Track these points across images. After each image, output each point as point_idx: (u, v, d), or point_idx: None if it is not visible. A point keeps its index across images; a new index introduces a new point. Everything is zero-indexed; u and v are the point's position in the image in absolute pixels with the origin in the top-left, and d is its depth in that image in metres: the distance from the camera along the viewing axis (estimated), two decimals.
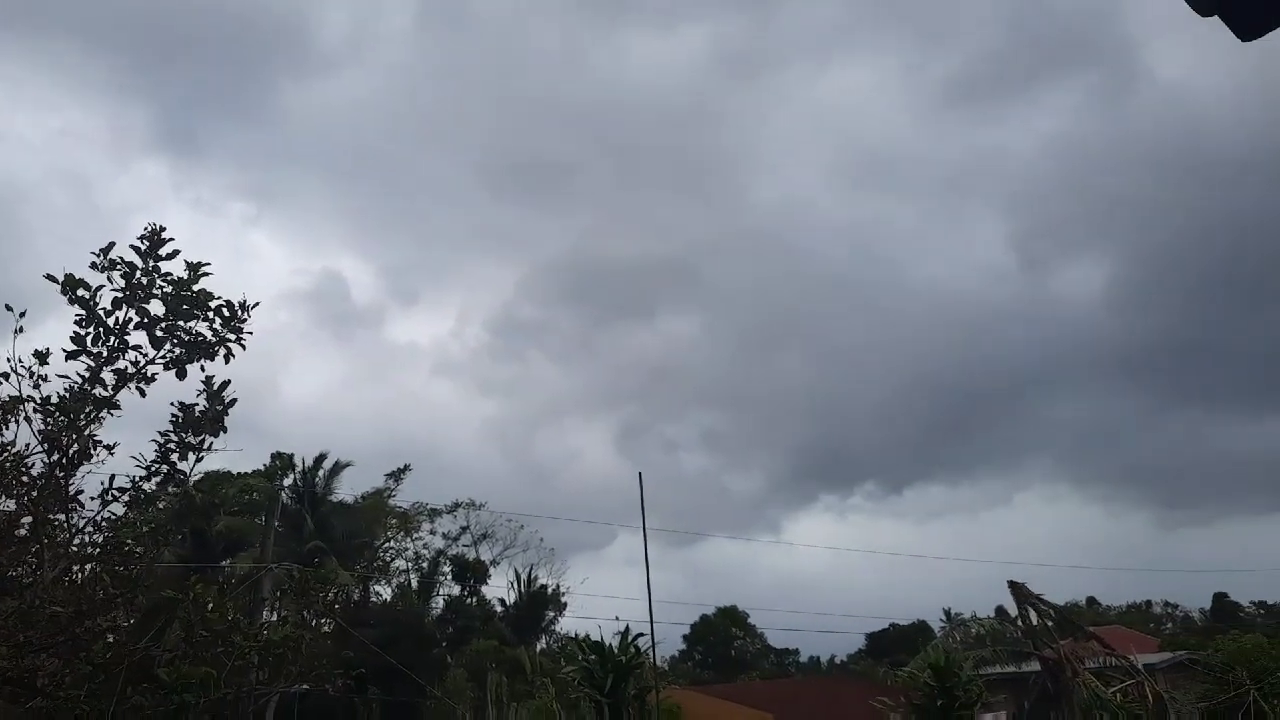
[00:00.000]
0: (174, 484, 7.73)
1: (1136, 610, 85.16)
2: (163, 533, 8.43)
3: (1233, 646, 29.50)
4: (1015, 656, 23.90)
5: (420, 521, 47.48)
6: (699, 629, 65.35)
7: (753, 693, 38.93)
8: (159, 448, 7.59)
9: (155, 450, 7.59)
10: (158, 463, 7.53)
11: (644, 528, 8.04)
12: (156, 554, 8.39)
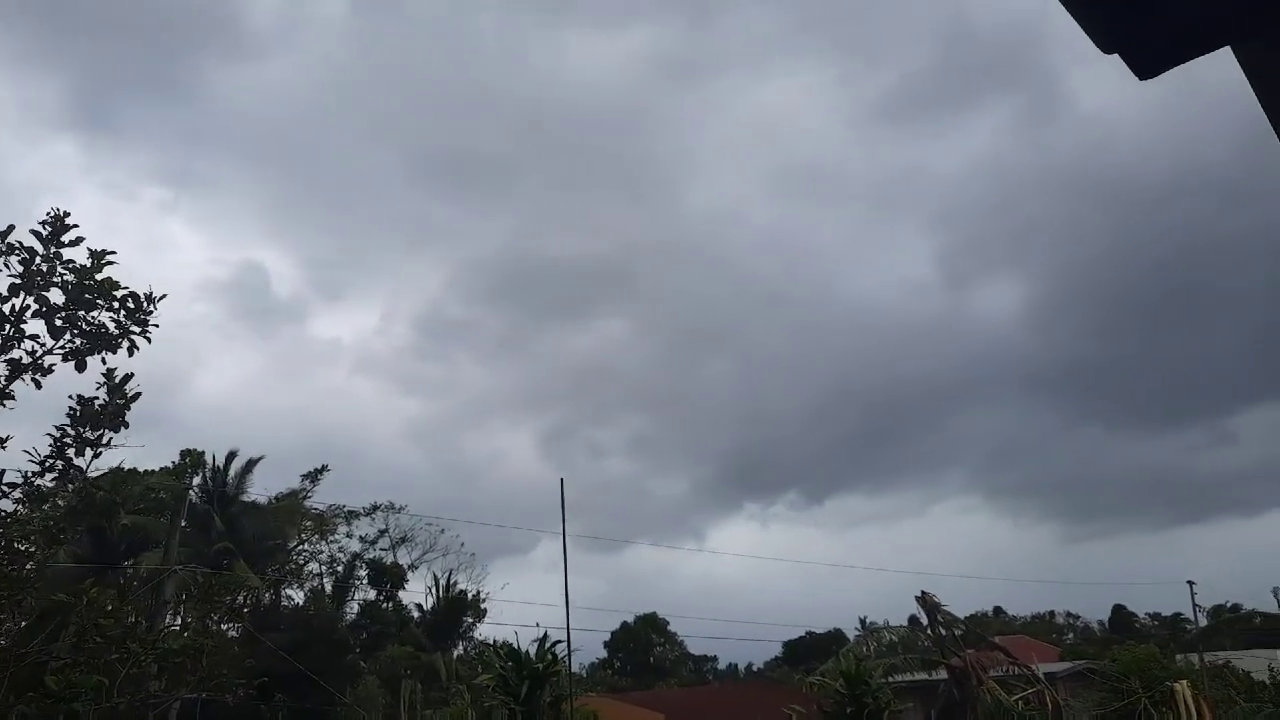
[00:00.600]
0: (70, 481, 7.39)
1: (1040, 620, 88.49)
2: (56, 532, 8.04)
3: (1128, 657, 30.90)
4: (924, 665, 24.60)
5: (336, 524, 46.35)
6: (619, 636, 65.32)
7: (669, 700, 39.08)
8: (54, 442, 7.25)
9: (50, 445, 7.25)
10: (53, 458, 7.20)
11: (564, 534, 8.02)
12: (49, 554, 7.99)
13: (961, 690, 19.91)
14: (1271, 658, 50.56)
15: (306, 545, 45.49)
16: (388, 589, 47.11)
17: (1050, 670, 32.69)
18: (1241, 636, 55.92)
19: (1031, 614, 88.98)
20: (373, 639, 42.38)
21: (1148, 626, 75.91)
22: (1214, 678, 32.02)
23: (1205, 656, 38.51)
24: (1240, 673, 40.26)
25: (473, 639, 47.19)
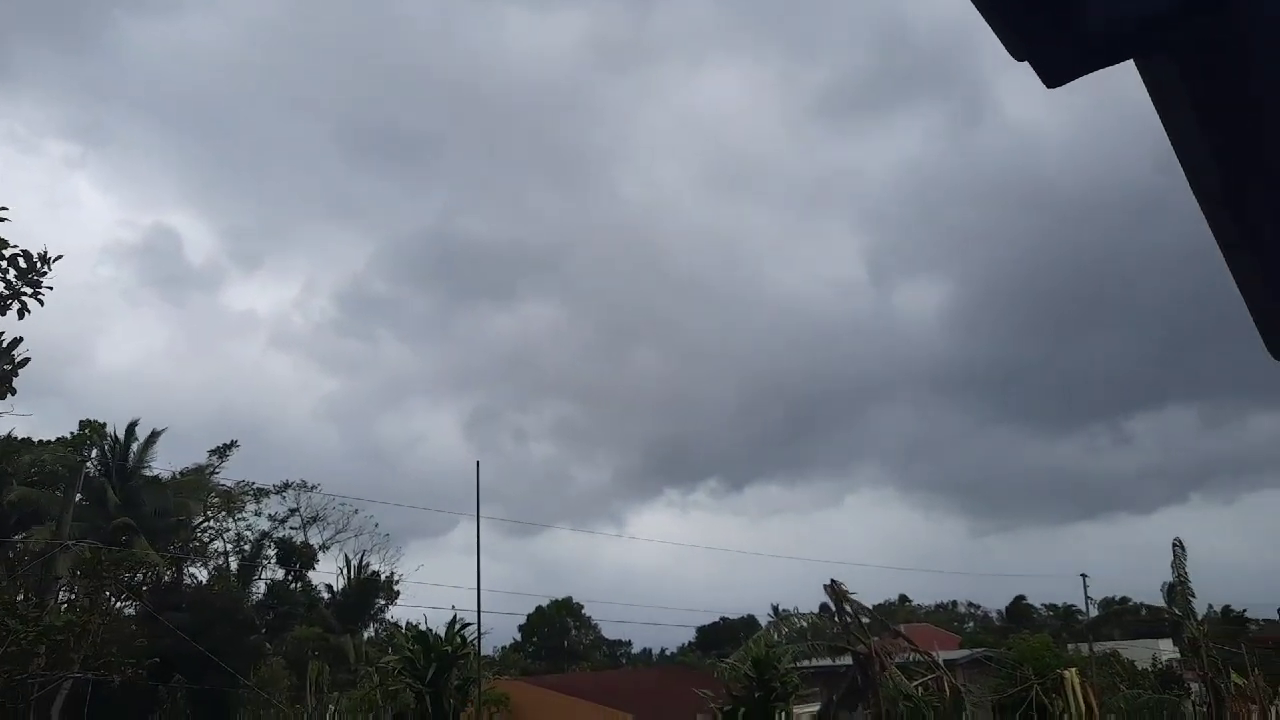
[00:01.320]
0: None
1: (944, 609, 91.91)
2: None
3: (1023, 645, 32.37)
4: (832, 651, 25.26)
5: (245, 501, 44.97)
6: (533, 620, 65.24)
7: (581, 683, 39.23)
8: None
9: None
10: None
11: (478, 517, 7.93)
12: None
13: (865, 676, 20.53)
14: (1154, 648, 53.68)
15: (212, 522, 44.05)
16: (297, 569, 45.99)
17: (950, 657, 33.99)
18: (1129, 627, 59.13)
19: (935, 603, 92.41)
20: (279, 620, 41.34)
21: (1043, 617, 79.54)
22: (1101, 666, 33.79)
23: (1094, 646, 40.60)
24: (1126, 661, 42.64)
25: (384, 621, 46.48)
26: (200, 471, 41.27)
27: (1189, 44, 1.66)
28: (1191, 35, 1.64)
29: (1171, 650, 46.40)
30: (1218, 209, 2.43)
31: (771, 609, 67.32)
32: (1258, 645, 40.23)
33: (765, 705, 12.26)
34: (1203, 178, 2.22)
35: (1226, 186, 2.27)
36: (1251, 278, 3.02)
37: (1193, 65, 1.74)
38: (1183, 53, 1.72)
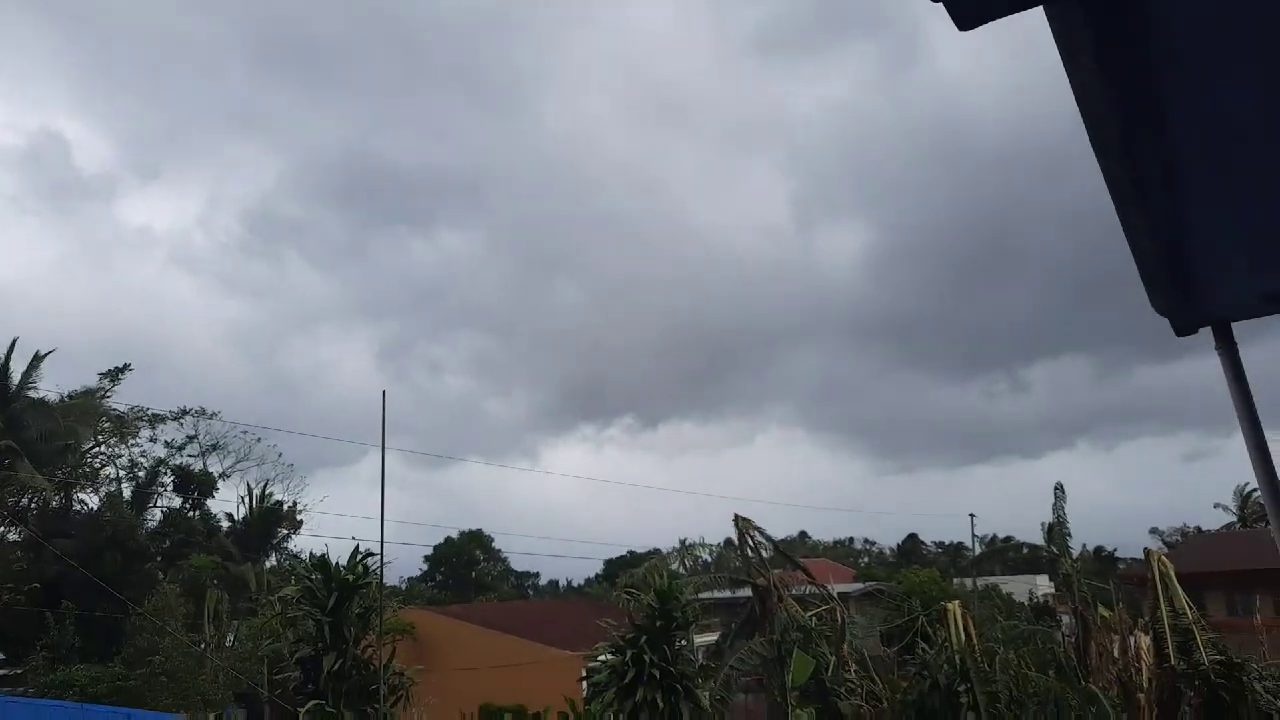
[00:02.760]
0: None
1: (841, 545, 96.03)
2: None
3: (912, 580, 34.23)
4: (733, 583, 26.13)
5: (139, 427, 43.23)
6: (441, 551, 65.33)
7: (488, 613, 39.68)
8: None
9: None
10: None
11: (383, 447, 7.82)
12: None
13: (763, 606, 21.37)
14: (1032, 583, 57.45)
15: (103, 448, 42.24)
16: (194, 497, 44.75)
17: (844, 590, 35.64)
18: (1010, 564, 63.00)
19: (834, 539, 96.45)
20: (176, 548, 40.30)
21: (933, 553, 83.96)
22: (982, 599, 36.03)
23: (977, 581, 43.16)
24: (1005, 595, 45.57)
25: (287, 551, 45.84)
26: (90, 395, 39.43)
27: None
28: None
29: (1047, 586, 49.77)
30: (1113, 163, 2.49)
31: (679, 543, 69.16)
32: (1124, 581, 43.49)
33: (666, 633, 12.62)
34: (1101, 130, 2.26)
35: (1123, 140, 2.32)
36: (1140, 233, 3.13)
37: (1098, 12, 1.75)
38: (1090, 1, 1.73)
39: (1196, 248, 3.31)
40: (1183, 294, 3.81)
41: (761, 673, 22.07)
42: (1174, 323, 4.20)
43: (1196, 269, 3.57)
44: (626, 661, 12.50)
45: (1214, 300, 4.08)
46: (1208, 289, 3.84)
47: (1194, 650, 17.87)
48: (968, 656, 20.10)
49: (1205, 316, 4.33)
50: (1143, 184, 2.53)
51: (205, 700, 25.44)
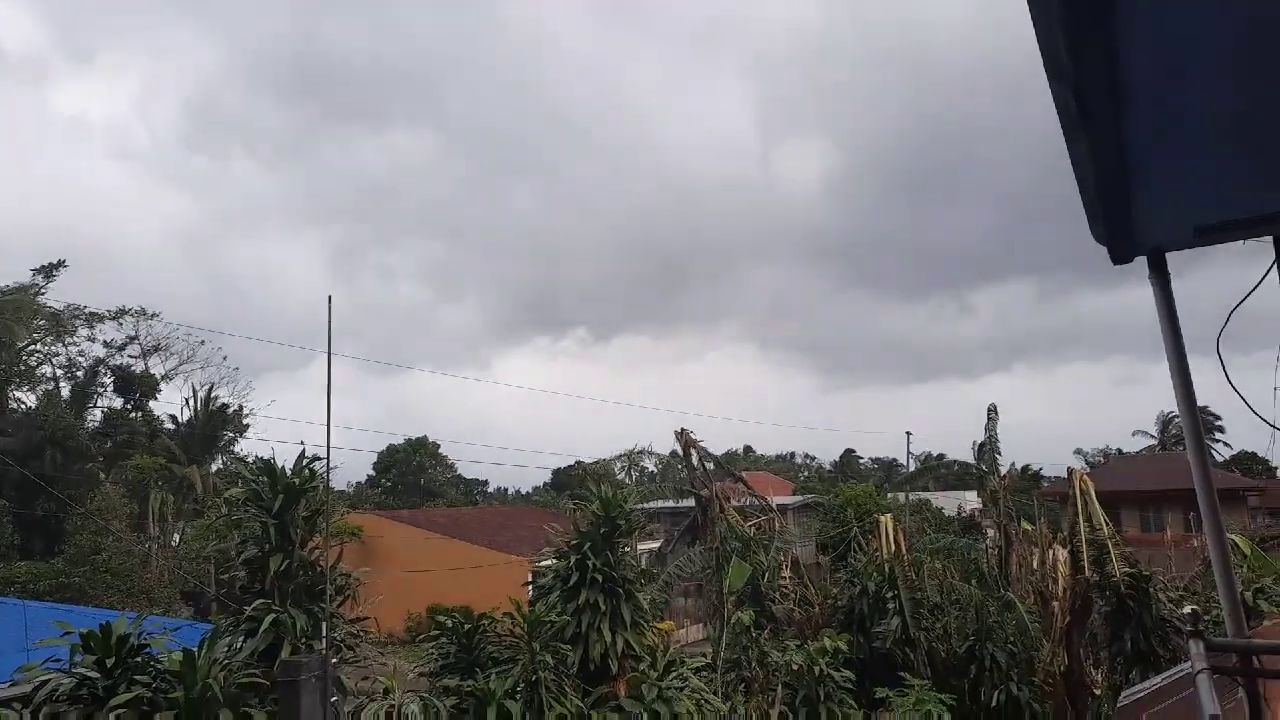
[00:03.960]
0: None
1: (783, 460, 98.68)
2: None
3: (848, 493, 35.45)
4: (677, 494, 26.78)
5: (76, 325, 41.99)
6: (388, 458, 65.47)
7: (435, 518, 40.18)
8: None
9: None
10: None
11: (329, 353, 7.74)
12: None
13: (705, 516, 22.03)
14: (961, 499, 59.96)
15: (39, 346, 41.03)
16: (136, 398, 43.93)
17: (783, 502, 36.82)
18: (942, 480, 65.51)
19: (777, 454, 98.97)
20: (118, 449, 39.76)
21: (869, 469, 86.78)
22: (914, 513, 37.54)
23: (910, 495, 44.87)
24: (936, 509, 47.56)
25: (233, 454, 45.52)
26: (23, 291, 38.04)
27: None
28: None
29: (976, 501, 51.99)
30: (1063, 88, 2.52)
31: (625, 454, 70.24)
32: (1047, 498, 45.63)
33: (610, 540, 12.95)
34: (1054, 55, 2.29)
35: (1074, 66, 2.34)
36: (1084, 160, 3.20)
37: None
38: None
39: (1137, 178, 3.39)
40: (1121, 223, 3.92)
41: (701, 578, 22.90)
42: (1111, 250, 4.33)
43: (1135, 199, 3.67)
44: (571, 566, 12.83)
45: (1150, 230, 4.22)
46: (1145, 219, 3.96)
47: (1107, 563, 18.96)
48: (896, 566, 21.06)
49: (1141, 246, 4.48)
50: (1090, 111, 2.58)
51: (151, 598, 25.57)
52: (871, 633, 19.93)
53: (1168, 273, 4.64)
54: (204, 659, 8.13)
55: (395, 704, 10.08)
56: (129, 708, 7.66)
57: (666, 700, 11.62)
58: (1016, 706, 17.93)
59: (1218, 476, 24.39)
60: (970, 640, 19.21)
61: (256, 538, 9.39)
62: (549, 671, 11.34)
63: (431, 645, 11.99)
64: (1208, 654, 4.22)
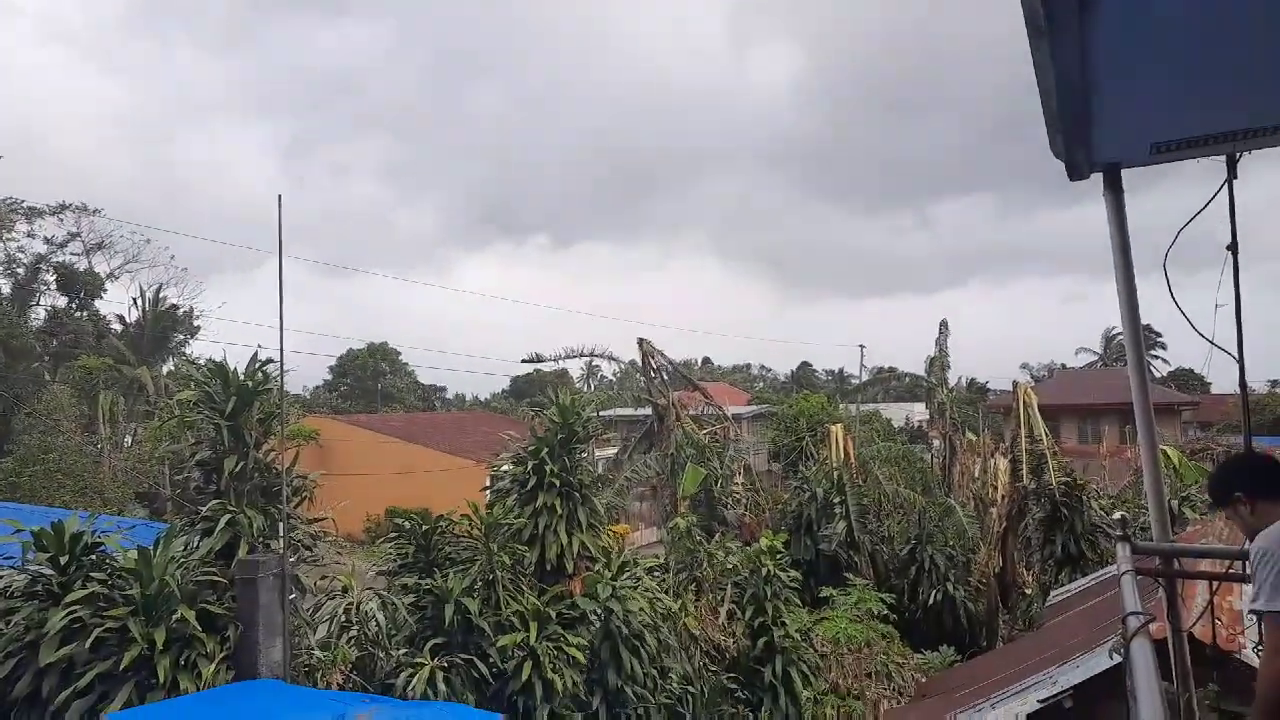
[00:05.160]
0: None
1: (739, 370, 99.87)
2: None
3: (801, 404, 36.12)
4: (636, 402, 27.11)
5: (13, 221, 40.29)
6: (345, 362, 64.93)
7: (393, 423, 40.22)
8: None
9: None
10: None
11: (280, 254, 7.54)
12: None
13: (661, 424, 22.39)
14: (910, 410, 61.55)
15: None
16: (81, 297, 42.69)
17: (738, 412, 37.46)
18: (893, 393, 67.02)
19: (733, 365, 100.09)
20: (64, 349, 38.83)
21: (823, 380, 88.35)
22: (864, 423, 38.47)
23: (861, 406, 45.91)
24: (885, 420, 48.79)
25: (185, 356, 44.70)
26: None
27: None
28: None
29: (924, 413, 53.38)
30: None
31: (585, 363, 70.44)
32: (991, 410, 47.05)
33: (567, 445, 13.12)
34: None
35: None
36: (1047, 72, 3.18)
37: None
38: None
39: (1097, 92, 3.39)
40: (1080, 137, 3.94)
41: (656, 483, 23.41)
42: (1069, 165, 4.35)
43: (1095, 113, 3.68)
44: (528, 471, 13.01)
45: (1107, 146, 4.24)
46: (1103, 134, 3.97)
47: (1044, 472, 19.76)
48: (844, 473, 21.72)
49: (1098, 162, 4.51)
50: (1056, 19, 2.56)
51: (104, 499, 25.44)
52: (818, 536, 20.70)
53: (1122, 189, 4.70)
54: (160, 557, 8.17)
55: (354, 601, 10.29)
56: (84, 604, 7.71)
57: (620, 599, 12.01)
58: (952, 605, 18.90)
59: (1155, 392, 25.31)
60: (911, 544, 20.06)
61: (210, 439, 9.33)
62: (506, 571, 11.62)
63: (390, 546, 12.18)
64: (1133, 556, 4.47)
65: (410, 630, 10.76)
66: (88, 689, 7.43)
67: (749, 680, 14.33)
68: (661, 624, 12.96)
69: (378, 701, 6.74)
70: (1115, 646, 3.30)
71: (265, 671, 7.92)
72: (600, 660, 11.76)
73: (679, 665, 13.09)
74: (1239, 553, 5.82)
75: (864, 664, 15.71)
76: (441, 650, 10.51)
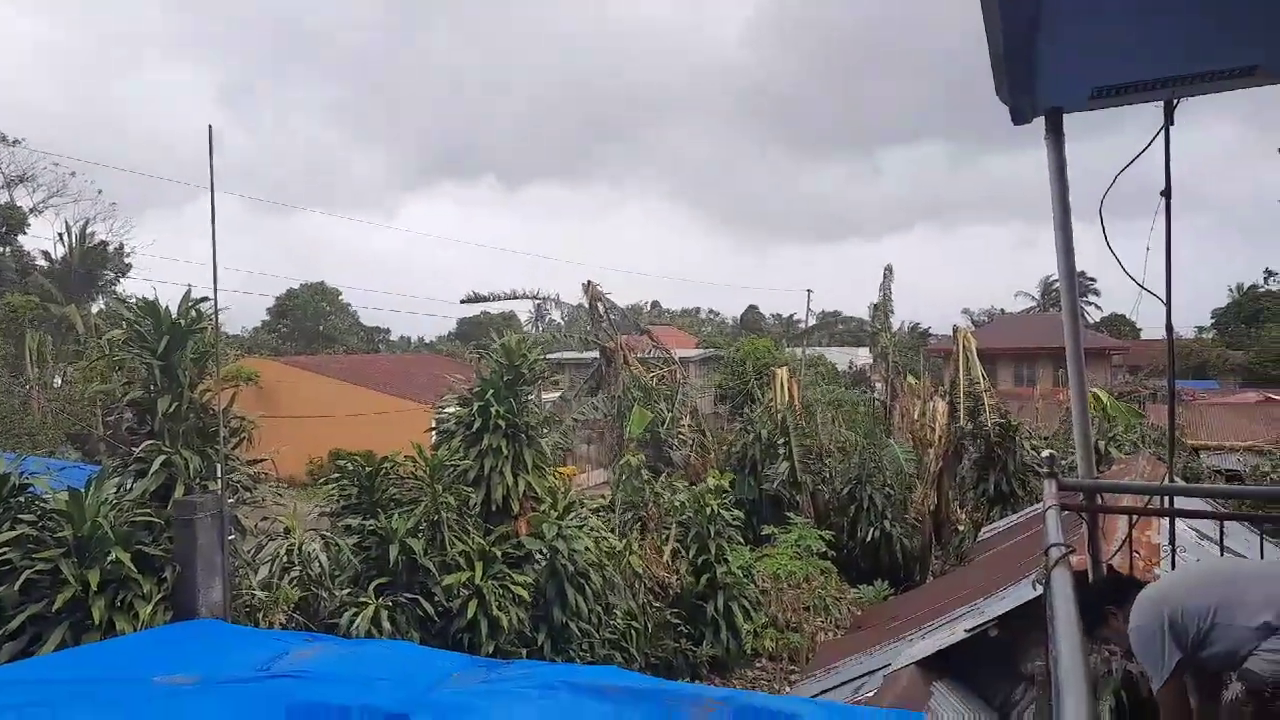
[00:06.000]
0: None
1: (688, 314, 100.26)
2: None
3: (748, 347, 36.52)
4: (583, 345, 27.07)
5: None
6: (283, 302, 63.35)
7: (336, 365, 39.55)
8: None
9: None
10: None
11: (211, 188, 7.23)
12: None
13: (609, 367, 22.44)
14: (854, 354, 62.59)
15: None
16: (2, 232, 40.80)
17: (686, 355, 37.69)
18: (838, 337, 68.01)
19: (682, 309, 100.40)
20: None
21: (770, 325, 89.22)
22: (809, 366, 39.08)
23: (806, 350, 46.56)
24: (830, 364, 49.62)
25: (115, 294, 43.18)
26: None
27: None
28: None
29: (868, 357, 54.39)
30: None
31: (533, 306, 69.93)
32: (932, 354, 48.12)
33: (513, 387, 13.06)
34: None
35: None
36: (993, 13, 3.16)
37: None
38: None
39: (1042, 34, 3.39)
40: (1024, 80, 3.95)
41: (604, 425, 23.53)
42: (1013, 109, 4.38)
43: (1039, 56, 3.69)
44: (474, 412, 12.94)
45: (1050, 90, 4.27)
46: (1046, 78, 4.00)
47: (980, 414, 20.36)
48: (789, 415, 22.09)
49: (1041, 105, 4.54)
50: None
51: (34, 441, 24.68)
52: (762, 476, 21.10)
53: (1063, 133, 4.75)
54: (92, 498, 7.97)
55: (296, 542, 10.21)
56: (13, 546, 7.52)
57: (566, 538, 12.13)
58: (888, 541, 19.51)
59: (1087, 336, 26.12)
60: (852, 483, 20.57)
61: (142, 380, 9.05)
62: (451, 512, 11.62)
63: (333, 487, 12.06)
64: (1059, 493, 4.64)
65: (354, 571, 10.74)
66: (19, 631, 7.28)
67: (692, 615, 14.69)
68: (607, 562, 13.15)
69: (320, 639, 6.73)
70: (1038, 577, 3.44)
71: (205, 612, 7.84)
72: (546, 598, 11.91)
73: (623, 602, 13.33)
74: (1157, 488, 6.09)
75: (803, 598, 16.19)
76: (386, 590, 10.53)
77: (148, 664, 5.57)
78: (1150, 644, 2.84)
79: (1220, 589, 2.83)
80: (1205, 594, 2.84)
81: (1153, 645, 2.83)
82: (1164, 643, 2.80)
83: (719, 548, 15.09)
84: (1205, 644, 2.79)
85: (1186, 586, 2.94)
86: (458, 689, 5.13)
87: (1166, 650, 2.79)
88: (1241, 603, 2.76)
